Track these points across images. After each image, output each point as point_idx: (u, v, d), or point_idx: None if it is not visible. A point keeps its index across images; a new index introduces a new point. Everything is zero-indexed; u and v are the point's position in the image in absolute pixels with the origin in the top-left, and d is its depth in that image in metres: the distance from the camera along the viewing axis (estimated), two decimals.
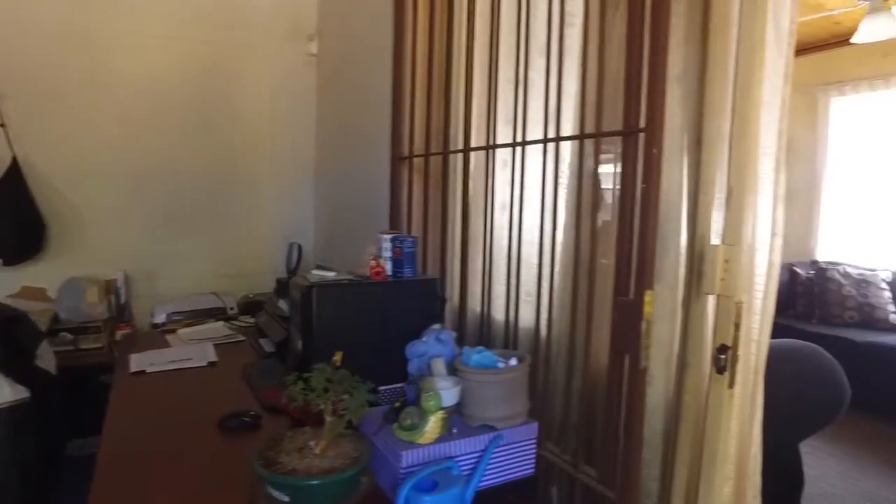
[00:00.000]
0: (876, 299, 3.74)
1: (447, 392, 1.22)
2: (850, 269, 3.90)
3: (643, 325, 1.03)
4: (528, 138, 1.43)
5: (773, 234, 1.15)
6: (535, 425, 1.24)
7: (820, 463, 2.75)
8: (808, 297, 3.95)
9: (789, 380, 1.70)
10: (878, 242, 4.16)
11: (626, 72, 1.10)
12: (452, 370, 1.28)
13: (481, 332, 1.67)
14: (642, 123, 1.10)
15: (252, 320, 2.51)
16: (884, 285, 3.79)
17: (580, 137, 1.25)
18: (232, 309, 2.76)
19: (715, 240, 1.12)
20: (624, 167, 1.09)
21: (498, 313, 1.65)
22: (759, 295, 1.16)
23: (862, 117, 4.26)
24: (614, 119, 1.23)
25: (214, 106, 2.99)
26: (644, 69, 1.10)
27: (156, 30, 2.82)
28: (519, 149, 1.48)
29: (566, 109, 1.34)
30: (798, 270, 4.09)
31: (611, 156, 1.27)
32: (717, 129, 1.10)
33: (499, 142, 1.57)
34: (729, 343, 1.05)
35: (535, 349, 1.43)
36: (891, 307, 3.71)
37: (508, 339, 1.54)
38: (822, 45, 4.34)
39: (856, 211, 4.30)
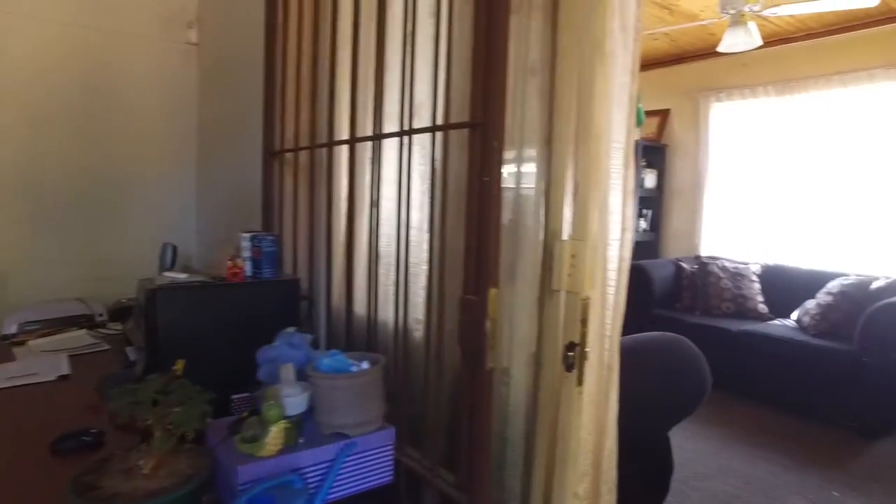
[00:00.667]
0: (748, 291, 4.03)
1: (293, 400, 1.15)
2: (727, 264, 4.18)
3: (487, 325, 1.01)
4: (387, 131, 1.39)
5: (624, 230, 1.16)
6: (391, 431, 1.19)
7: (695, 446, 2.92)
8: (692, 290, 4.20)
9: (658, 372, 1.77)
10: (750, 238, 4.50)
11: (472, 63, 1.08)
12: (305, 376, 1.22)
13: (347, 334, 1.61)
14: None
15: (121, 327, 2.31)
16: (754, 278, 4.09)
17: (430, 130, 1.22)
18: (101, 315, 2.52)
19: (566, 236, 1.12)
20: (470, 161, 1.06)
21: (363, 313, 1.60)
22: (611, 290, 1.17)
23: (735, 122, 4.58)
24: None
25: (88, 96, 2.72)
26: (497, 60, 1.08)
27: (21, 7, 2.53)
28: (394, 142, 1.43)
29: (425, 102, 1.31)
30: (684, 265, 4.33)
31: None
32: (565, 122, 1.10)
33: (361, 135, 1.52)
34: (577, 340, 1.05)
35: (394, 350, 1.39)
36: (760, 298, 4.01)
37: (370, 339, 1.49)
38: (701, 54, 4.64)
39: (732, 209, 4.62)
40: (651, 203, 5.05)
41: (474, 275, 1.04)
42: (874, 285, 3.40)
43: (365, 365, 1.21)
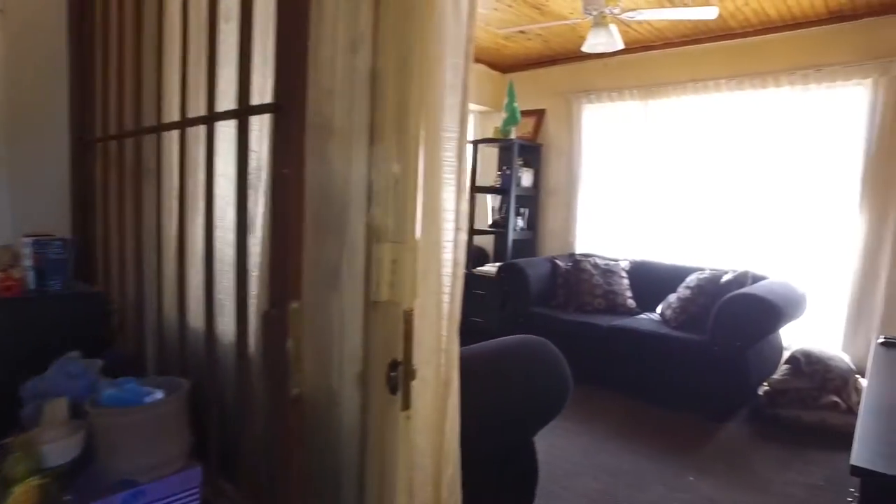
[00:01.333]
0: (618, 287, 4.18)
1: (57, 446, 0.92)
2: (598, 261, 4.31)
3: (289, 344, 0.84)
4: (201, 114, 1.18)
5: (458, 230, 1.04)
6: (196, 471, 0.99)
7: (567, 444, 2.93)
8: (566, 287, 4.28)
9: (522, 378, 1.69)
10: (620, 235, 4.69)
11: (275, 37, 0.91)
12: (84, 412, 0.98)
13: (182, 352, 1.37)
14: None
15: None
16: (624, 274, 4.25)
17: (231, 116, 1.03)
18: None
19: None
20: (273, 150, 0.89)
21: (199, 326, 1.37)
22: (445, 299, 1.05)
23: (605, 124, 4.76)
24: None
25: None
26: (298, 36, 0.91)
27: None
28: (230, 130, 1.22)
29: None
30: (559, 263, 4.41)
31: None
32: (387, 107, 0.96)
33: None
34: (400, 358, 0.91)
35: (216, 369, 1.18)
36: (629, 293, 4.18)
37: (184, 357, 1.27)
38: (573, 56, 4.76)
39: (604, 207, 4.80)
40: (528, 202, 5.12)
41: (275, 285, 0.87)
42: (724, 279, 3.62)
43: (159, 395, 1.00)
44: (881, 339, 2.81)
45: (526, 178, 5.01)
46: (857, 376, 3.40)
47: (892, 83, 3.50)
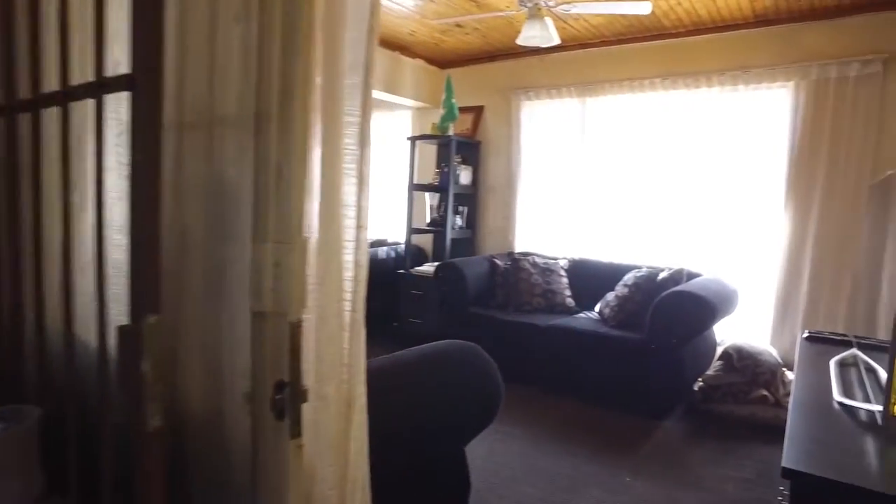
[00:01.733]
0: (557, 285, 4.15)
1: None
2: (538, 259, 4.27)
3: (145, 367, 0.69)
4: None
5: (360, 227, 0.91)
6: None
7: (504, 449, 2.85)
8: (505, 287, 4.22)
9: (446, 387, 1.58)
10: (559, 233, 4.68)
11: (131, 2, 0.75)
12: None
13: (69, 368, 1.18)
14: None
15: None
16: (563, 272, 4.23)
17: (89, 92, 0.87)
18: None
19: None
20: (133, 134, 0.74)
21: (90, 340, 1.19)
22: (347, 307, 0.92)
23: (544, 121, 4.73)
24: None
25: None
26: None
27: None
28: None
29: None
30: (498, 262, 4.35)
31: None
32: (273, 87, 0.82)
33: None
34: (287, 378, 0.78)
35: (71, 394, 1.01)
36: (567, 292, 4.16)
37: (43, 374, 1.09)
38: (512, 53, 4.71)
39: (543, 205, 4.77)
40: (467, 200, 5.04)
41: (132, 295, 0.72)
42: (660, 276, 3.64)
43: None
44: (805, 334, 2.88)
45: (465, 175, 4.92)
46: (784, 369, 3.49)
47: (811, 87, 3.60)
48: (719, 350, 3.60)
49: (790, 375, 3.52)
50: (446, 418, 1.56)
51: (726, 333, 3.84)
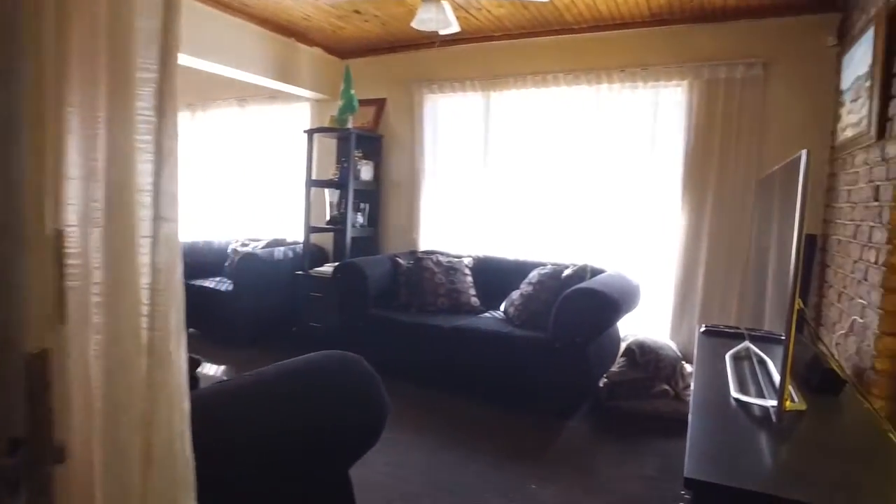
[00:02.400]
0: (461, 284, 4.02)
1: None
2: (441, 258, 4.12)
3: None
4: None
5: (160, 219, 0.68)
6: None
7: (404, 459, 2.66)
8: (408, 286, 4.03)
9: (325, 405, 1.36)
10: (464, 231, 4.56)
11: None
12: None
13: None
14: None
15: None
16: (467, 271, 4.10)
17: None
18: None
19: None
20: None
21: None
22: (144, 322, 0.68)
23: (448, 115, 4.59)
24: None
25: None
26: None
27: None
28: None
29: None
30: (401, 261, 4.15)
31: None
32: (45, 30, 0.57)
33: None
34: (22, 433, 0.53)
35: None
36: (472, 291, 4.04)
37: None
38: (414, 44, 4.53)
39: (447, 202, 4.63)
40: (369, 196, 4.81)
41: None
42: (564, 273, 3.60)
43: None
44: (702, 328, 2.91)
45: (366, 171, 4.68)
46: (683, 362, 3.55)
47: (703, 86, 3.70)
48: (623, 346, 3.61)
49: (689, 368, 3.59)
50: (319, 442, 1.34)
51: (629, 329, 3.87)
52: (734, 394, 1.84)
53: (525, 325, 3.47)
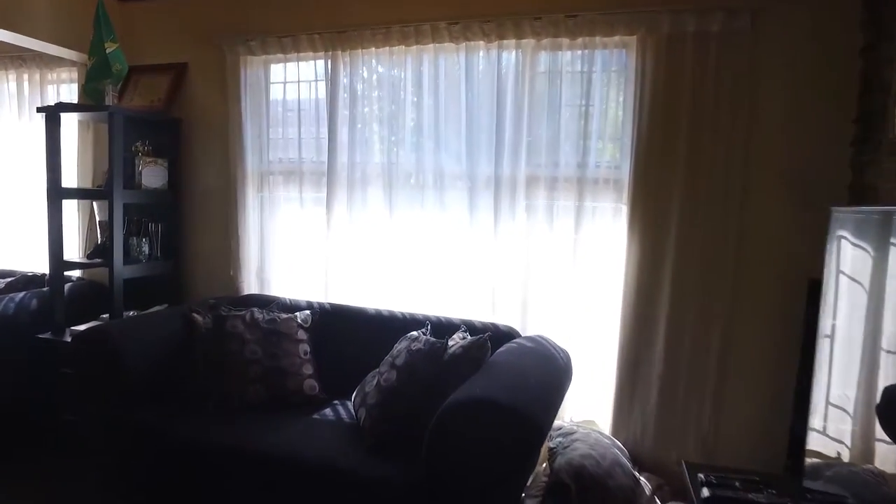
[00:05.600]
0: (288, 359, 2.42)
1: None
2: (259, 315, 2.53)
3: None
4: None
5: None
6: None
7: None
8: (207, 363, 2.43)
9: None
10: (308, 263, 3.02)
11: None
12: None
13: None
14: None
15: None
16: (301, 334, 2.52)
17: None
18: None
19: None
20: None
21: None
22: None
23: (280, 88, 3.03)
24: None
25: None
26: None
27: None
28: None
29: None
30: (197, 318, 2.54)
31: None
32: None
33: None
34: None
35: None
36: (307, 368, 2.44)
37: None
38: None
39: (286, 219, 3.07)
40: (162, 213, 3.11)
41: None
42: (450, 346, 2.18)
43: None
44: (705, 484, 1.57)
45: (154, 173, 3.01)
46: (640, 477, 2.22)
47: (660, 44, 2.39)
48: (544, 466, 2.21)
49: (647, 486, 2.26)
50: None
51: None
52: None
53: (384, 446, 1.98)
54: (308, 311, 2.61)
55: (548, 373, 1.98)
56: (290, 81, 2.98)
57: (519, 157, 2.56)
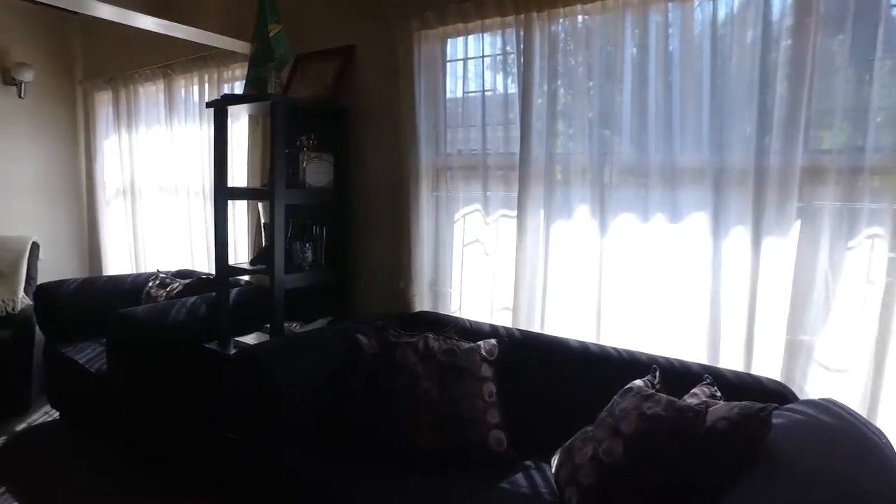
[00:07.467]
0: (470, 402, 1.93)
1: None
2: (434, 342, 2.06)
3: None
4: None
5: None
6: None
7: None
8: (369, 398, 2.02)
9: None
10: (493, 276, 2.49)
11: None
12: None
13: None
14: None
15: None
16: (485, 370, 2.00)
17: None
18: None
19: None
20: None
21: None
22: None
23: (461, 67, 2.54)
24: None
25: None
26: None
27: None
28: None
29: None
30: (363, 341, 2.14)
31: None
32: None
33: None
34: None
35: None
36: (492, 416, 1.90)
37: None
38: None
39: (467, 220, 2.58)
40: (326, 214, 2.80)
41: None
42: (700, 395, 1.48)
43: None
44: None
45: (318, 170, 2.69)
46: None
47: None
48: None
49: None
50: None
51: None
52: None
53: None
54: (494, 340, 2.08)
55: (889, 484, 1.21)
56: (473, 57, 2.47)
57: (794, 138, 1.78)
